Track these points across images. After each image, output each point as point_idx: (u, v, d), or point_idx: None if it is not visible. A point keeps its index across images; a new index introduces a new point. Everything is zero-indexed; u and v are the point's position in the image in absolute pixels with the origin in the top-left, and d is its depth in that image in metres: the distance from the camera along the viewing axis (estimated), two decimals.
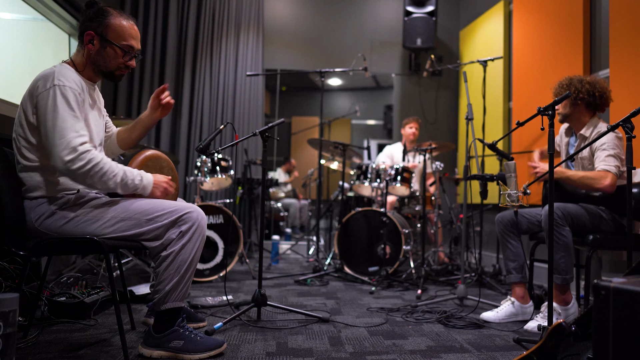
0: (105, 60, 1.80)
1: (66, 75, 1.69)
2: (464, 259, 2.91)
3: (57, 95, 1.63)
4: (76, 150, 1.60)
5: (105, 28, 1.77)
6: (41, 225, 1.68)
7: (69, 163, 1.59)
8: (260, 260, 2.45)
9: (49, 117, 1.62)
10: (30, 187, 1.71)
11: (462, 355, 1.87)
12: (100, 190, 1.72)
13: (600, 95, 2.42)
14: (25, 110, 1.69)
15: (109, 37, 1.77)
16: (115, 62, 1.81)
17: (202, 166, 3.49)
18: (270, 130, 2.34)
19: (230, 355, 1.81)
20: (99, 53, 1.79)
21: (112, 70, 1.82)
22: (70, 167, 1.59)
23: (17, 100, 3.01)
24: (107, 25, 1.77)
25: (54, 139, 1.60)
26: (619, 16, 2.92)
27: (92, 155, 1.63)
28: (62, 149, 1.59)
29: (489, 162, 4.40)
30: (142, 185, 1.76)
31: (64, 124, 1.61)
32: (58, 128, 1.60)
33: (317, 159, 4.05)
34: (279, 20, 5.49)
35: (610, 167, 2.27)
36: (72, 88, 1.67)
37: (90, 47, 1.78)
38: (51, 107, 1.62)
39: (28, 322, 1.93)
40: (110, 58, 1.80)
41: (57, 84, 1.64)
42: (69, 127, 1.61)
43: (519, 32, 4.08)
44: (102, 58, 1.79)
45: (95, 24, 1.76)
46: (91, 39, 1.77)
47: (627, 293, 1.02)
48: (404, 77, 5.53)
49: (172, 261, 1.72)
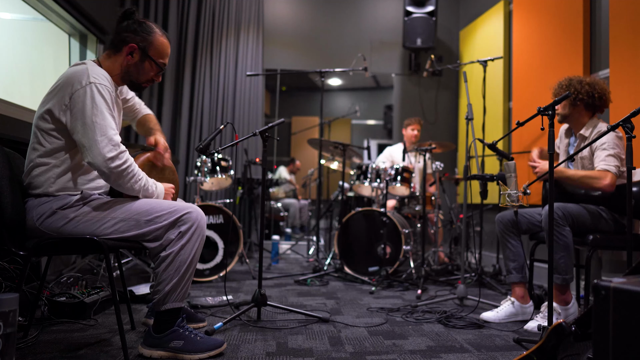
0: (140, 73, 1.86)
1: (99, 73, 1.72)
2: (464, 259, 2.91)
3: (94, 92, 1.65)
4: (118, 147, 1.64)
5: (149, 44, 1.83)
6: (42, 225, 1.68)
7: (109, 160, 1.62)
8: (260, 260, 2.45)
9: (88, 113, 1.63)
10: (36, 185, 1.71)
11: (462, 355, 1.87)
12: (123, 191, 1.75)
13: (600, 97, 2.42)
14: (54, 106, 1.68)
15: (150, 53, 1.84)
16: (148, 76, 1.88)
17: (202, 166, 3.49)
18: (270, 130, 2.34)
19: (230, 355, 1.81)
20: (137, 65, 1.84)
21: (141, 83, 1.89)
22: (110, 164, 1.62)
23: (17, 100, 3.02)
24: (151, 42, 1.83)
25: (95, 136, 1.61)
26: (619, 16, 2.92)
27: (128, 156, 1.68)
28: (104, 146, 1.61)
29: (489, 162, 4.40)
30: (157, 192, 1.82)
31: (104, 122, 1.64)
32: (99, 125, 1.63)
33: (317, 159, 4.05)
34: (279, 20, 5.49)
35: (610, 167, 2.27)
36: (107, 86, 1.70)
37: (129, 59, 1.83)
38: (90, 104, 1.64)
39: (28, 322, 1.93)
40: (145, 72, 1.86)
41: (92, 81, 1.66)
42: (108, 124, 1.65)
43: (519, 32, 4.08)
44: (137, 70, 1.85)
45: (139, 38, 1.82)
46: (132, 51, 1.82)
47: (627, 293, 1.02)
48: (404, 77, 5.53)
49: (171, 262, 1.72)
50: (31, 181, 1.72)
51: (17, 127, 2.96)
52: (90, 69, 1.70)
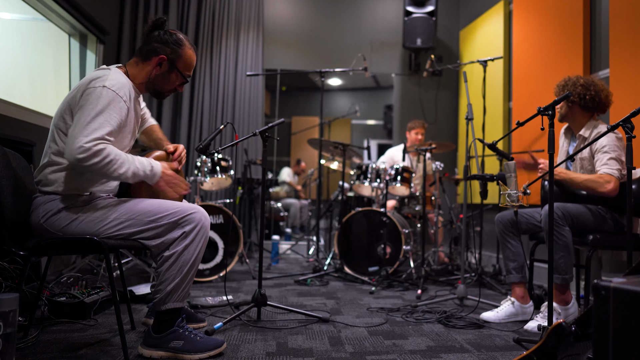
0: (165, 83, 1.89)
1: (119, 81, 1.72)
2: (464, 259, 2.91)
3: (102, 96, 1.65)
4: (89, 150, 1.57)
5: (178, 57, 1.85)
6: (46, 222, 1.68)
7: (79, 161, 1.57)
8: (260, 260, 2.45)
9: (86, 112, 1.62)
10: (47, 182, 1.72)
11: (462, 355, 1.87)
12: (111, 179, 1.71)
13: (592, 98, 2.40)
14: (71, 106, 1.69)
15: (178, 65, 1.86)
16: (172, 87, 1.91)
17: (202, 166, 3.49)
18: (270, 130, 2.34)
19: (230, 355, 1.81)
20: (164, 76, 1.86)
21: (164, 92, 1.91)
22: (80, 164, 1.58)
23: (17, 100, 3.02)
24: (180, 55, 1.86)
25: (78, 134, 1.58)
26: (619, 16, 2.92)
27: (108, 152, 1.61)
28: (78, 147, 1.56)
29: (489, 162, 4.40)
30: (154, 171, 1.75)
31: (94, 124, 1.61)
32: (87, 125, 1.59)
33: (317, 159, 4.05)
34: (279, 20, 5.49)
35: (613, 171, 2.27)
36: (120, 96, 1.69)
37: (157, 69, 1.85)
38: (93, 103, 1.63)
39: (28, 322, 1.93)
40: (171, 83, 1.89)
41: (107, 86, 1.66)
42: (97, 128, 1.61)
43: (519, 32, 4.08)
44: (163, 81, 1.87)
45: (170, 49, 1.84)
46: (161, 62, 1.84)
47: (627, 293, 1.02)
48: (404, 77, 5.53)
49: (174, 262, 1.72)
50: (43, 178, 1.73)
51: (17, 127, 2.96)
52: (111, 75, 1.71)
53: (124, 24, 4.78)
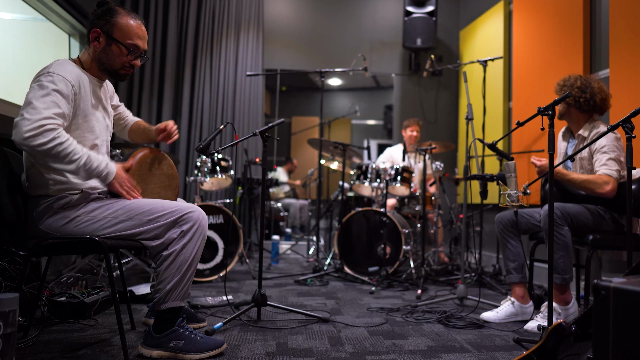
0: (110, 58, 1.80)
1: (63, 66, 1.69)
2: (464, 259, 2.91)
3: (47, 80, 1.61)
4: (42, 127, 1.53)
5: (112, 26, 1.78)
6: (43, 224, 1.68)
7: (29, 139, 1.51)
8: (260, 260, 2.45)
9: (30, 95, 1.58)
10: (35, 185, 1.71)
11: (462, 355, 1.87)
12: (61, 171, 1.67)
13: (587, 101, 2.39)
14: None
15: (114, 35, 1.78)
16: (120, 61, 1.81)
17: (202, 166, 3.49)
18: (270, 130, 2.34)
19: (230, 355, 1.81)
20: (104, 51, 1.79)
21: (117, 69, 1.83)
22: (30, 142, 1.51)
23: (17, 100, 3.02)
24: (114, 24, 1.78)
25: (24, 113, 1.54)
26: (619, 16, 2.92)
27: (58, 134, 1.56)
28: (28, 124, 1.51)
29: (489, 162, 4.40)
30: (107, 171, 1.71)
31: (41, 105, 1.56)
32: (33, 106, 1.55)
33: (317, 159, 4.05)
34: (279, 20, 5.49)
35: (612, 172, 2.27)
36: (65, 78, 1.65)
37: (95, 45, 1.79)
38: (36, 88, 1.60)
39: (28, 322, 1.93)
40: (115, 56, 1.80)
41: (51, 71, 1.64)
42: (45, 108, 1.56)
43: (519, 32, 4.08)
44: (106, 56, 1.80)
45: (102, 21, 1.77)
46: (97, 36, 1.78)
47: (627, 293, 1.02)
48: (404, 77, 5.53)
49: (173, 260, 1.72)
50: (30, 182, 1.72)
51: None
52: (55, 63, 1.69)
53: None
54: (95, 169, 1.67)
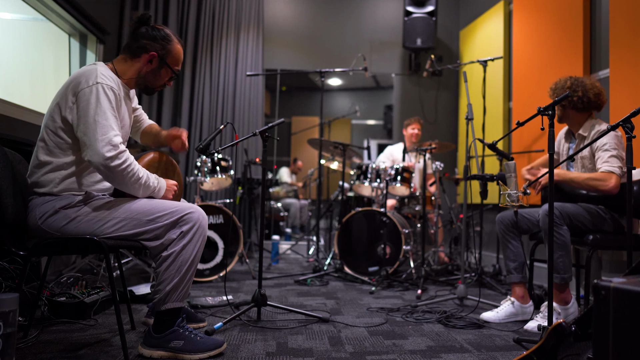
0: (156, 79, 1.91)
1: (107, 75, 1.74)
2: (464, 259, 2.91)
3: (99, 92, 1.67)
4: (117, 148, 1.64)
5: (167, 53, 1.88)
6: (44, 224, 1.68)
7: (108, 160, 1.62)
8: (260, 260, 2.45)
9: (91, 112, 1.64)
10: (41, 183, 1.72)
11: (462, 355, 1.87)
12: (124, 190, 1.76)
13: (580, 99, 2.39)
14: (61, 105, 1.71)
15: (167, 61, 1.88)
16: (162, 82, 1.94)
17: (202, 166, 3.49)
18: (270, 130, 2.34)
19: (230, 355, 1.81)
20: (154, 72, 1.89)
21: (155, 87, 1.94)
22: (109, 163, 1.62)
23: (17, 100, 3.02)
24: (169, 51, 1.89)
25: (95, 134, 1.62)
26: (619, 16, 2.92)
27: (128, 155, 1.68)
28: (104, 145, 1.62)
29: (489, 162, 4.40)
30: (159, 187, 1.82)
31: (106, 122, 1.65)
32: (100, 124, 1.64)
33: (317, 159, 4.05)
34: (279, 20, 5.49)
35: (614, 169, 2.27)
36: (113, 87, 1.72)
37: (148, 66, 1.86)
38: (94, 103, 1.65)
39: (28, 322, 1.93)
40: (160, 78, 1.91)
41: (99, 81, 1.69)
42: (110, 124, 1.66)
43: (519, 32, 4.08)
44: (154, 77, 1.90)
45: (159, 46, 1.86)
46: (152, 59, 1.86)
47: (627, 293, 1.02)
48: (404, 77, 5.53)
49: (172, 261, 1.72)
50: (36, 180, 1.73)
51: (17, 127, 2.96)
52: (99, 70, 1.73)
53: (124, 24, 4.78)
54: (151, 186, 1.78)
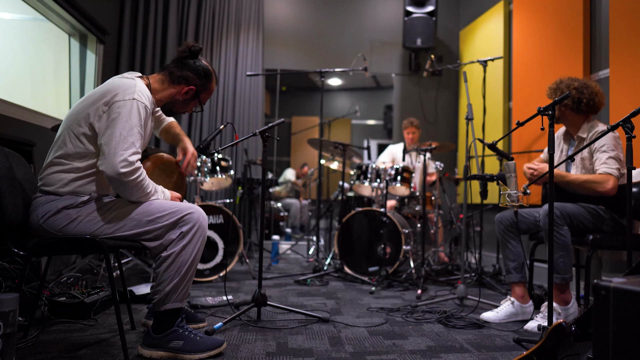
0: (184, 107, 1.99)
1: (144, 92, 1.78)
2: (464, 259, 2.91)
3: (133, 108, 1.70)
4: (132, 165, 1.66)
5: (204, 89, 1.97)
6: (45, 223, 1.69)
7: (121, 175, 1.64)
8: (260, 260, 2.45)
9: (119, 125, 1.67)
10: (49, 182, 1.73)
11: (462, 355, 1.87)
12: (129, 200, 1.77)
13: (587, 102, 2.39)
14: (90, 113, 1.72)
15: (201, 97, 1.99)
16: (187, 110, 2.02)
17: (202, 166, 3.49)
18: (270, 130, 2.34)
19: (230, 355, 1.81)
20: (185, 102, 1.96)
21: (178, 113, 2.03)
22: (121, 178, 1.65)
23: (17, 100, 3.02)
24: (207, 88, 1.98)
25: (117, 148, 1.65)
26: (619, 16, 2.92)
27: (142, 171, 1.72)
28: (121, 161, 1.64)
29: (489, 162, 4.40)
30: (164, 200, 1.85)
31: (131, 138, 1.68)
32: (124, 140, 1.66)
33: (317, 159, 4.05)
34: (279, 20, 5.49)
35: (612, 170, 2.27)
36: (147, 107, 1.76)
37: (182, 95, 1.94)
38: (125, 117, 1.68)
39: (28, 322, 1.93)
40: (188, 108, 2.00)
41: (136, 98, 1.72)
42: (134, 142, 1.69)
43: (519, 32, 4.08)
44: (183, 105, 1.97)
45: (201, 82, 1.94)
46: (189, 91, 1.93)
47: (627, 293, 1.02)
48: (404, 77, 5.53)
49: (172, 262, 1.72)
50: (46, 178, 1.74)
51: (17, 127, 2.96)
52: (138, 86, 1.76)
53: (124, 24, 4.78)
54: (158, 199, 1.81)
